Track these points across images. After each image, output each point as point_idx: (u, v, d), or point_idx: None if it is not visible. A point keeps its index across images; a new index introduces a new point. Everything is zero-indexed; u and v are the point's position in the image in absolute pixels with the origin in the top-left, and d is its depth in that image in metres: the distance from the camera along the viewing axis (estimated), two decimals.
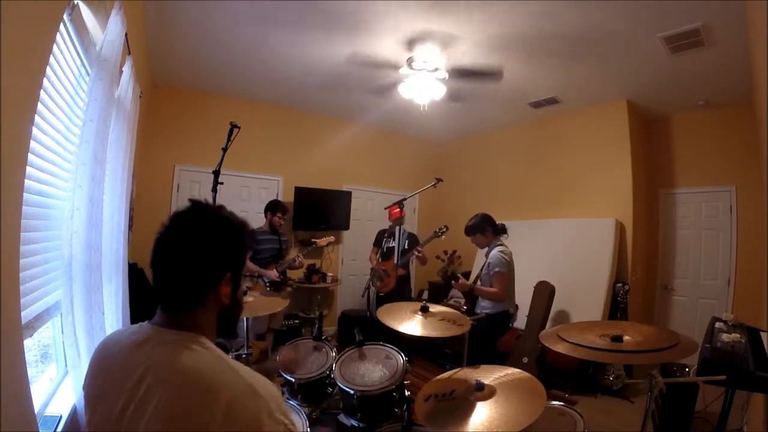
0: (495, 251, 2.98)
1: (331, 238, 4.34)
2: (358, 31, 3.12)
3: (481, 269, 3.11)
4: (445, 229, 3.85)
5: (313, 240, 4.26)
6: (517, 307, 3.11)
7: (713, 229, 4.28)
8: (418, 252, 3.92)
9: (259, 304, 2.31)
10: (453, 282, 3.07)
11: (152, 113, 4.09)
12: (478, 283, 3.09)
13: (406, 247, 4.02)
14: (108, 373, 0.78)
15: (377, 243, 4.38)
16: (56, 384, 1.52)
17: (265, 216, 4.02)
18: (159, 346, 0.76)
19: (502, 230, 3.16)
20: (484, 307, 2.97)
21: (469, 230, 3.15)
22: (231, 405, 0.67)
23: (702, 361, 1.62)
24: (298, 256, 4.04)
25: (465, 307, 3.14)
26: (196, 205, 0.85)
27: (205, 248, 0.81)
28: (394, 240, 4.20)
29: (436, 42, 3.24)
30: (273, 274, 3.84)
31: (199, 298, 0.81)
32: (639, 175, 4.41)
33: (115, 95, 1.88)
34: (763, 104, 2.11)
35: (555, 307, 4.02)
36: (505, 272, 2.89)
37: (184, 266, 0.79)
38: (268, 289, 3.80)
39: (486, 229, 3.09)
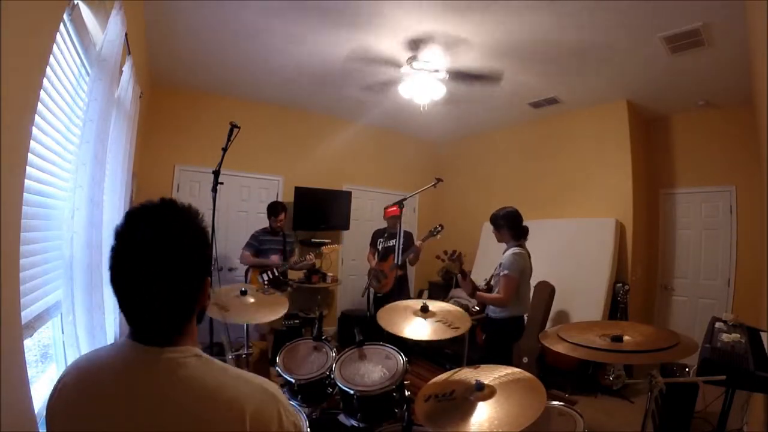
0: (509, 252, 2.77)
1: (337, 247, 4.35)
2: (362, 27, 3.10)
3: (495, 269, 2.92)
4: (440, 228, 3.85)
5: (314, 240, 4.24)
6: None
7: (713, 229, 4.28)
8: (419, 245, 3.94)
9: (259, 309, 2.29)
10: (459, 277, 2.88)
11: (152, 113, 4.09)
12: (492, 282, 2.93)
13: (402, 246, 4.02)
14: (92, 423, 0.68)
15: (373, 243, 4.39)
16: None
17: (268, 218, 4.04)
18: (150, 375, 0.68)
19: (522, 234, 2.88)
20: (493, 310, 2.80)
21: (491, 220, 2.95)
22: (256, 413, 0.68)
23: (702, 361, 1.62)
24: (308, 254, 4.04)
25: (476, 308, 3.04)
26: (156, 208, 0.72)
27: (192, 248, 0.71)
28: (389, 240, 4.21)
29: (439, 43, 3.25)
30: (276, 258, 3.88)
31: (189, 316, 0.74)
32: (639, 175, 4.41)
33: (115, 95, 1.88)
34: (763, 104, 2.11)
35: (555, 307, 4.02)
36: (514, 276, 2.66)
37: (172, 291, 0.69)
38: (266, 285, 3.78)
39: (501, 227, 2.86)
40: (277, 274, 3.88)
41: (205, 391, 0.68)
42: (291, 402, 1.98)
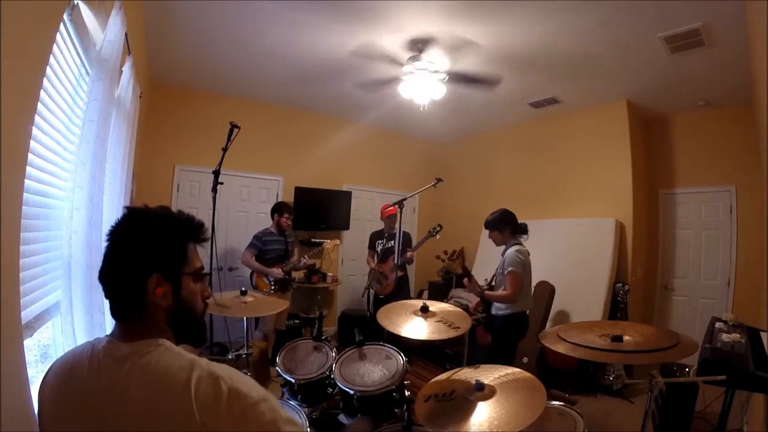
0: (511, 250, 2.85)
1: (337, 242, 4.36)
2: (366, 24, 3.07)
3: (497, 269, 2.98)
4: (439, 228, 3.85)
5: (313, 240, 4.24)
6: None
7: (713, 229, 4.28)
8: (409, 253, 3.95)
9: (260, 304, 2.31)
10: (465, 281, 2.92)
11: (152, 113, 4.09)
12: (494, 282, 2.99)
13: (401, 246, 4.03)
14: (70, 412, 0.76)
15: (371, 246, 4.38)
16: None
17: (272, 218, 4.03)
18: (112, 366, 0.74)
19: (522, 230, 2.99)
20: (498, 308, 2.85)
21: (487, 225, 2.99)
22: (197, 386, 0.69)
23: (702, 361, 1.62)
24: (304, 257, 4.05)
25: (478, 311, 3.09)
26: (127, 211, 0.86)
27: (128, 247, 0.81)
28: (387, 241, 4.22)
29: (442, 46, 3.25)
30: (276, 271, 3.85)
31: (138, 296, 0.80)
32: (639, 175, 4.41)
33: (115, 95, 1.88)
34: (763, 104, 2.11)
35: (555, 307, 4.02)
36: (518, 272, 2.75)
37: (116, 268, 0.81)
38: (273, 288, 3.79)
39: (504, 228, 2.93)
40: (282, 272, 3.89)
41: (156, 374, 0.72)
42: (290, 401, 1.99)
